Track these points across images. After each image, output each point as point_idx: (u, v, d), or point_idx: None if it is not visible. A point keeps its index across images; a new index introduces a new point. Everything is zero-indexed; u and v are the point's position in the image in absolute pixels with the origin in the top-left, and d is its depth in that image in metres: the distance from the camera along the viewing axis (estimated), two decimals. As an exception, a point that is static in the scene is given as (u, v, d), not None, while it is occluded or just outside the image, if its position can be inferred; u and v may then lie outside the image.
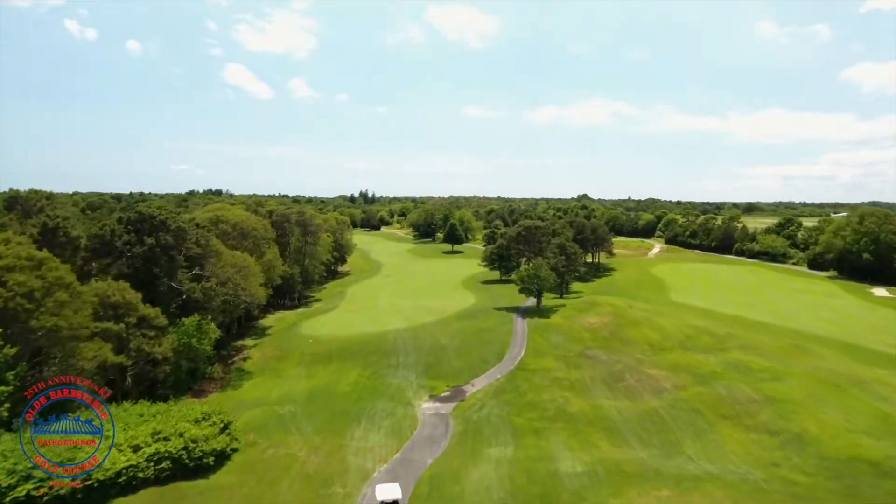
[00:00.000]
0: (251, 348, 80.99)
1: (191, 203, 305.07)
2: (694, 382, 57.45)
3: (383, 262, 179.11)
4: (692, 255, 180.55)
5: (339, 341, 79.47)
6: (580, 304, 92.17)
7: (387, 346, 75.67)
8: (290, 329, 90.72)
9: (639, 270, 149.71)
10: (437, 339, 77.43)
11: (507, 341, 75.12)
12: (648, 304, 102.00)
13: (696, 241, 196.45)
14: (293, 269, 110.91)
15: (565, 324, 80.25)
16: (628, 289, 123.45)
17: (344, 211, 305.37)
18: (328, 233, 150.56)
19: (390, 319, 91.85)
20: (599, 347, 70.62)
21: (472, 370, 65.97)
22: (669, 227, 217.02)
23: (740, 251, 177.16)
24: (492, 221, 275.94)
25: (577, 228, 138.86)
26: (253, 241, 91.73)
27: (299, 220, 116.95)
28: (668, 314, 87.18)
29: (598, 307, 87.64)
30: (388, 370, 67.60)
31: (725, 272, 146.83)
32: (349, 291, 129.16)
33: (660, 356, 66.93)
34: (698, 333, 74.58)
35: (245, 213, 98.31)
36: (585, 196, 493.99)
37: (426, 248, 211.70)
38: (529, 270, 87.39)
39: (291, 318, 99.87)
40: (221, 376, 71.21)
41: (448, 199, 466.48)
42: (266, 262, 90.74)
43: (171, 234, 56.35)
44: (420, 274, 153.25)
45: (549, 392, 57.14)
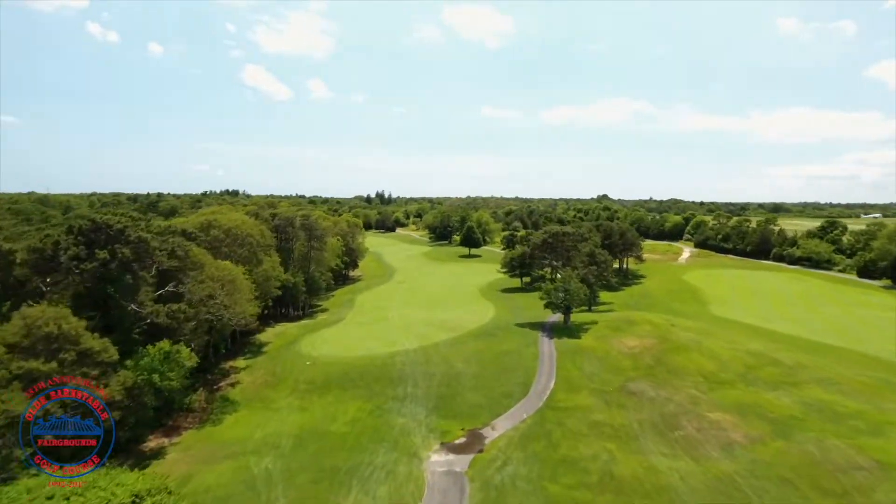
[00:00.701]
0: (242, 370, 70.85)
1: (204, 204, 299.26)
2: (772, 434, 45.34)
3: (396, 266, 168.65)
4: (726, 261, 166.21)
5: (339, 364, 68.93)
6: (614, 320, 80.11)
7: (393, 371, 64.87)
8: (289, 346, 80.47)
9: (670, 278, 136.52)
10: (452, 363, 66.34)
11: (533, 368, 63.64)
12: (688, 319, 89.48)
13: (729, 244, 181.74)
14: (297, 277, 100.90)
15: (600, 347, 68.41)
16: (662, 300, 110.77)
17: (358, 212, 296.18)
18: (338, 236, 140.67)
19: (399, 337, 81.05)
20: (643, 378, 58.69)
21: (492, 407, 54.65)
22: (699, 229, 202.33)
23: (779, 256, 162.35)
24: (510, 223, 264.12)
25: (604, 233, 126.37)
26: (248, 248, 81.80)
27: (304, 224, 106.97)
28: (717, 335, 74.64)
29: (636, 326, 75.53)
30: (392, 404, 56.77)
31: (767, 280, 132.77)
32: (358, 300, 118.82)
33: (719, 392, 54.77)
34: (760, 361, 62.10)
35: (241, 217, 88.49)
36: (605, 196, 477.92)
37: (442, 252, 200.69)
38: (557, 284, 75.76)
39: (292, 333, 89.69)
40: (204, 406, 61.18)
41: (465, 200, 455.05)
42: (262, 273, 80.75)
43: (130, 247, 46.27)
44: (435, 280, 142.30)
45: (589, 443, 45.59)
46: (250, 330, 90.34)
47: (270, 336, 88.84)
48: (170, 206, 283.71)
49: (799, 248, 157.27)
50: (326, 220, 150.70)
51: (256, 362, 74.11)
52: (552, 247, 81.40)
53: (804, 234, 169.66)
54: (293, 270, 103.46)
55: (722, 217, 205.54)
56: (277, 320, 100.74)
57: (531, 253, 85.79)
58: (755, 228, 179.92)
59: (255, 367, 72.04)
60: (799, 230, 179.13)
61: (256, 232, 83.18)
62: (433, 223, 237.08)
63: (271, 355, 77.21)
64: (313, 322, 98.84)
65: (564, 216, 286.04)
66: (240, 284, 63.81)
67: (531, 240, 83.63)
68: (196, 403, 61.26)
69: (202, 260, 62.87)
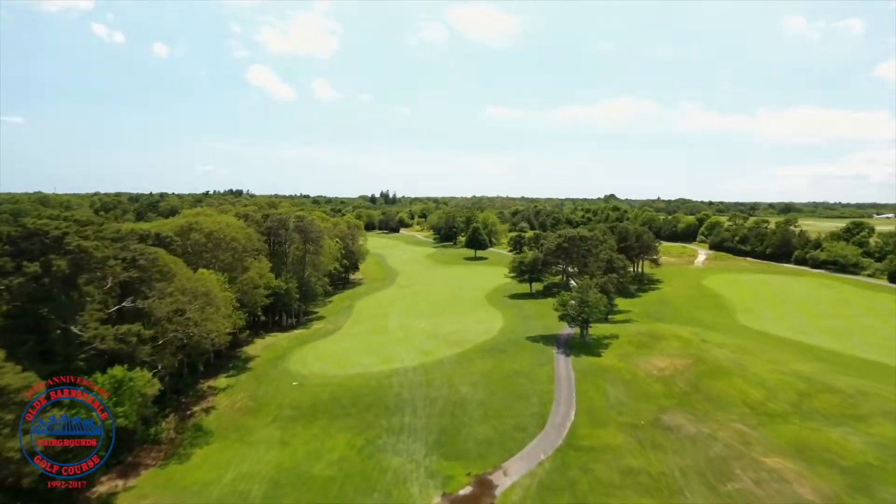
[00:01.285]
0: (221, 392, 62.57)
1: (205, 203, 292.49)
2: (848, 488, 36.52)
3: (399, 269, 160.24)
4: (746, 264, 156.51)
5: (330, 386, 60.59)
6: (636, 334, 71.30)
7: (389, 395, 56.48)
8: (277, 362, 72.24)
9: (689, 283, 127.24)
10: (456, 386, 57.82)
11: (549, 393, 54.99)
12: (716, 331, 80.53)
13: (746, 247, 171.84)
14: (290, 283, 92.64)
15: (624, 368, 59.65)
16: (683, 308, 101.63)
17: (361, 212, 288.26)
18: (337, 238, 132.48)
19: (398, 351, 72.67)
20: (679, 409, 49.91)
21: (504, 444, 46.09)
22: (714, 231, 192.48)
23: (801, 259, 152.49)
24: (517, 224, 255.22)
25: (619, 235, 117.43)
26: (232, 253, 73.62)
27: (299, 226, 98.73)
28: (755, 352, 65.72)
29: (663, 342, 66.74)
30: (387, 438, 48.40)
31: (793, 286, 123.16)
32: (357, 307, 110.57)
33: (771, 428, 45.94)
34: (813, 388, 53.13)
35: (227, 220, 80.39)
36: (613, 196, 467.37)
37: (446, 254, 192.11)
38: (574, 294, 67.06)
39: (282, 345, 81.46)
40: (172, 437, 53.02)
41: (471, 200, 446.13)
42: (247, 281, 72.53)
43: (69, 258, 38.14)
44: (439, 284, 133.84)
45: (624, 498, 36.96)
46: (238, 341, 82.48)
47: (259, 349, 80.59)
48: (170, 207, 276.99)
49: (823, 250, 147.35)
50: (325, 221, 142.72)
51: (239, 381, 65.80)
52: (567, 252, 72.71)
53: (827, 235, 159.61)
54: (286, 276, 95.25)
55: (738, 218, 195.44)
56: (269, 330, 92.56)
57: (544, 259, 77.06)
58: (774, 230, 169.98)
59: (237, 387, 63.74)
60: (822, 231, 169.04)
61: (242, 235, 75.02)
62: (438, 224, 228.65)
63: (256, 372, 68.94)
64: (307, 332, 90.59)
65: (572, 217, 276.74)
66: (215, 297, 55.54)
67: (544, 244, 74.88)
68: (164, 433, 53.18)
69: (172, 269, 54.66)
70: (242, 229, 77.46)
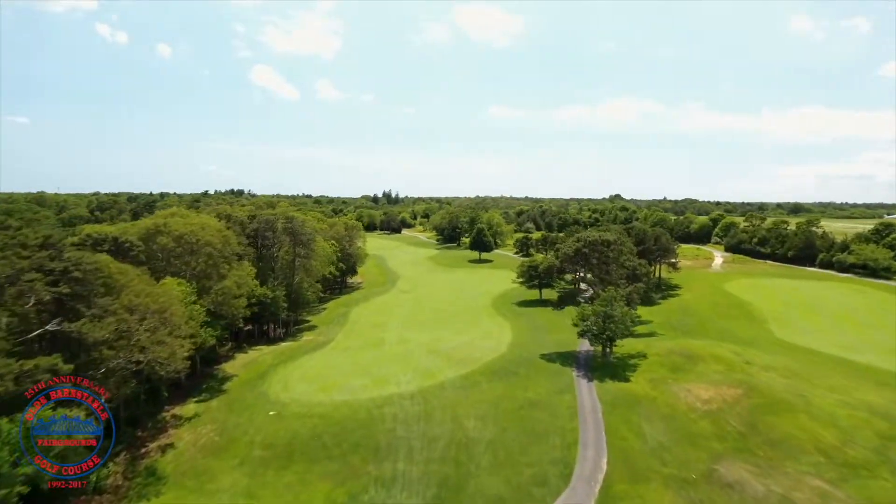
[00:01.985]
0: (186, 423, 53.08)
1: (203, 203, 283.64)
2: None
3: (400, 273, 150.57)
4: (767, 268, 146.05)
5: (312, 417, 51.00)
6: (667, 353, 61.42)
7: (381, 433, 46.85)
8: (256, 384, 62.74)
9: (711, 289, 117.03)
10: (460, 421, 48.15)
11: (572, 431, 45.26)
12: (752, 347, 70.57)
13: (765, 249, 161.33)
14: (277, 290, 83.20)
15: (660, 398, 49.81)
16: (708, 318, 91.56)
17: (363, 213, 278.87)
18: (333, 240, 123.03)
19: (395, 371, 63.04)
20: (737, 457, 40.01)
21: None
22: (730, 232, 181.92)
23: (827, 263, 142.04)
24: (522, 224, 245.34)
25: (636, 237, 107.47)
26: (206, 259, 64.14)
27: (288, 228, 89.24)
28: (811, 377, 55.70)
29: (701, 364, 56.85)
30: (375, 492, 38.85)
31: (823, 292, 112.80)
32: (353, 315, 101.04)
33: (857, 485, 36.03)
34: (894, 428, 43.18)
35: (206, 221, 70.95)
36: (618, 196, 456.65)
37: (450, 256, 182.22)
38: (597, 308, 57.20)
39: (265, 361, 72.00)
40: (119, 484, 43.62)
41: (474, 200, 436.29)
42: (223, 291, 63.04)
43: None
44: (442, 289, 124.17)
45: None
46: (216, 357, 73.12)
47: (238, 366, 71.13)
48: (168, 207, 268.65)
49: (851, 253, 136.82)
50: (322, 222, 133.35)
51: (209, 408, 56.27)
52: (587, 258, 62.91)
53: (853, 237, 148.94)
54: (273, 283, 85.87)
55: (754, 219, 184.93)
56: (254, 342, 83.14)
57: (560, 266, 67.24)
58: (795, 231, 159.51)
59: (206, 416, 54.21)
60: (836, 232, 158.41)
61: (217, 239, 65.49)
62: (441, 224, 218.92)
63: (231, 396, 59.42)
64: (295, 345, 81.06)
65: (579, 217, 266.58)
66: (172, 315, 45.99)
67: (560, 248, 65.00)
68: (110, 479, 43.71)
69: (120, 281, 45.18)
70: (219, 232, 67.93)
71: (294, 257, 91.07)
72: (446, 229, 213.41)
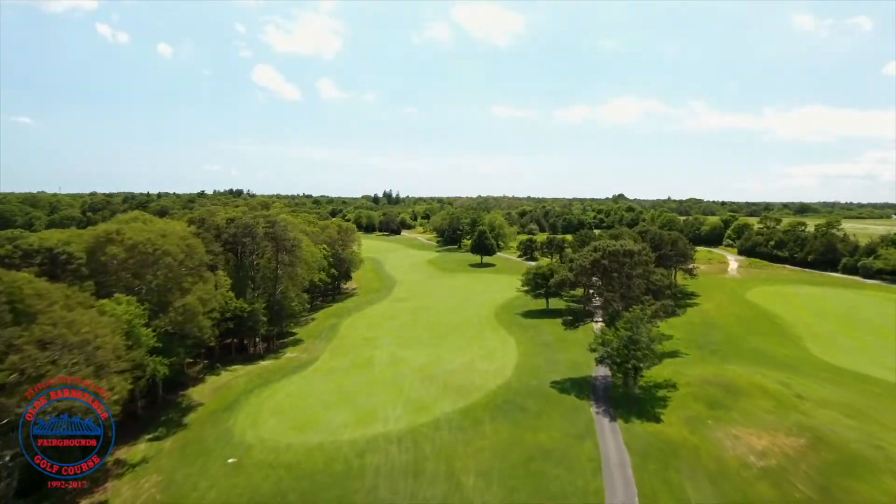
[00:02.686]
0: (129, 471, 43.86)
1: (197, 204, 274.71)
2: None
3: (397, 278, 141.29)
4: (788, 273, 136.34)
5: (277, 469, 41.74)
6: (700, 383, 51.97)
7: (360, 492, 37.56)
8: (221, 417, 53.55)
9: (731, 298, 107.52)
10: (458, 477, 38.79)
11: (597, 494, 35.83)
12: (798, 373, 61.10)
13: (783, 252, 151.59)
14: (256, 303, 74.08)
15: (702, 447, 40.35)
16: (735, 332, 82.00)
17: (361, 213, 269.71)
18: (325, 245, 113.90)
19: (383, 402, 53.80)
20: (812, 538, 30.60)
21: None
22: (743, 234, 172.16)
23: (851, 268, 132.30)
24: (526, 226, 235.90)
25: (652, 242, 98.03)
26: (166, 271, 54.93)
27: (270, 233, 79.99)
28: (879, 416, 46.16)
29: (744, 399, 47.38)
30: (346, 586, 29.49)
31: (857, 302, 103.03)
32: (343, 327, 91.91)
33: None
34: None
35: (166, 227, 61.76)
36: (622, 196, 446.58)
37: (450, 259, 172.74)
38: (620, 332, 47.74)
39: (238, 386, 62.84)
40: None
41: (476, 200, 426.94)
42: (183, 308, 53.80)
43: None
44: (441, 297, 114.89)
45: None
46: (182, 381, 63.98)
47: (207, 392, 61.97)
48: (161, 207, 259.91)
49: (878, 258, 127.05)
50: (313, 225, 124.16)
51: (161, 451, 47.02)
52: (605, 270, 53.39)
53: (877, 240, 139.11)
54: (252, 294, 76.73)
55: (769, 220, 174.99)
56: (230, 361, 73.96)
57: (574, 279, 57.64)
58: (815, 234, 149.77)
59: (154, 462, 44.97)
60: (873, 235, 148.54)
61: (179, 248, 56.22)
62: (441, 226, 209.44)
63: (189, 435, 50.18)
64: (274, 364, 71.87)
65: (584, 217, 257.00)
66: (100, 347, 36.70)
67: (575, 260, 55.45)
68: (18, 554, 34.69)
69: (36, 307, 36.01)
70: (183, 240, 58.63)
71: (277, 265, 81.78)
72: (447, 231, 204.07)
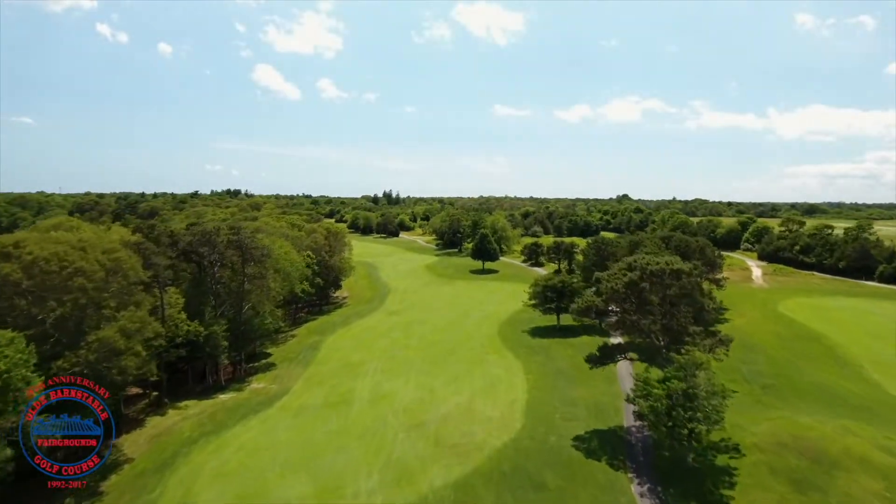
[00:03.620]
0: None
1: (188, 205, 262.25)
2: None
3: (392, 285, 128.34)
4: (818, 282, 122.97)
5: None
6: (775, 446, 38.91)
7: None
8: (148, 483, 40.83)
9: (763, 310, 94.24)
10: None
11: None
12: (887, 423, 48.09)
13: (810, 258, 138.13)
14: (214, 325, 61.40)
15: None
16: (781, 358, 68.80)
17: (359, 215, 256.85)
18: (309, 252, 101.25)
19: (354, 465, 40.98)
20: None
21: None
22: (764, 237, 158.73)
23: (888, 276, 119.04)
24: (529, 228, 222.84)
25: (678, 249, 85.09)
26: (77, 296, 42.14)
27: (235, 243, 67.22)
28: None
29: (844, 476, 34.35)
30: None
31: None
32: (325, 347, 79.22)
33: None
34: None
35: (91, 237, 48.90)
36: (626, 196, 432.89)
37: (450, 264, 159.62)
38: (674, 384, 34.75)
39: (181, 434, 50.09)
40: None
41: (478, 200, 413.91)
42: (98, 345, 41.02)
43: None
44: (437, 310, 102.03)
45: None
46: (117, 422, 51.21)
47: (143, 440, 49.32)
48: (151, 208, 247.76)
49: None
50: (298, 230, 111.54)
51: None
52: (640, 294, 40.41)
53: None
54: (213, 313, 64.02)
55: (791, 222, 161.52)
56: (183, 394, 61.35)
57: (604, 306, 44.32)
58: (846, 238, 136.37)
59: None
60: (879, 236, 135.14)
61: (97, 266, 43.43)
62: (441, 228, 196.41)
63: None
64: (235, 400, 59.19)
65: (590, 219, 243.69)
66: None
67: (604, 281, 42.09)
68: None
69: None
70: (108, 254, 45.79)
71: (242, 280, 69.00)
72: (446, 233, 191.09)
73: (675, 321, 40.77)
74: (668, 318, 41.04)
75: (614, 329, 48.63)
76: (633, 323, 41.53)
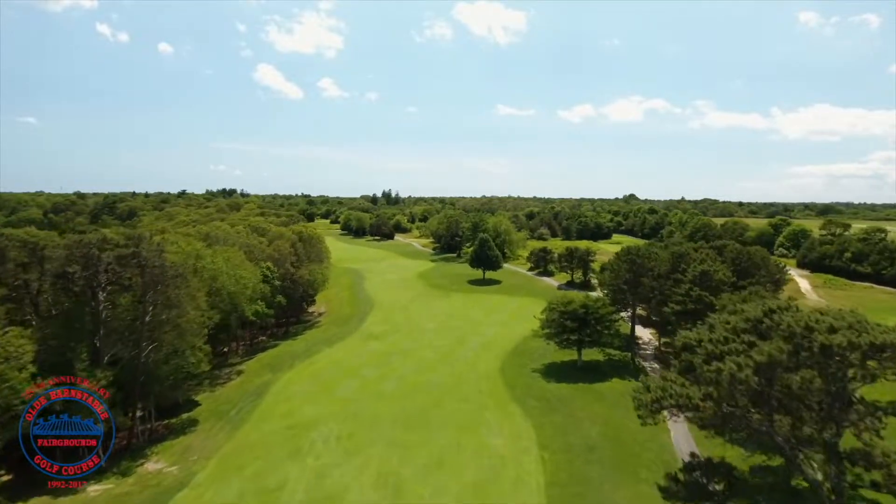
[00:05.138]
0: None
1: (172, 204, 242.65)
2: None
3: (377, 299, 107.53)
4: (884, 297, 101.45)
5: None
6: None
7: None
8: None
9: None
10: None
11: None
12: None
13: (864, 267, 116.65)
14: (100, 374, 40.89)
15: None
16: None
17: (352, 216, 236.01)
18: (269, 263, 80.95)
19: None
20: None
21: None
22: (804, 243, 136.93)
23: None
24: (535, 230, 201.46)
25: (732, 262, 64.43)
26: None
27: (131, 259, 46.62)
28: None
29: None
30: None
31: None
32: (273, 392, 58.90)
33: None
34: None
35: None
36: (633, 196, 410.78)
37: (446, 272, 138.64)
38: None
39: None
40: None
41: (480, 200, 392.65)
42: None
43: None
44: (427, 332, 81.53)
45: None
46: None
47: None
48: (129, 209, 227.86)
49: None
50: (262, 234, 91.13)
51: None
52: (789, 386, 20.50)
53: None
54: (84, 362, 43.41)
55: (834, 225, 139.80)
56: (39, 484, 40.76)
57: (707, 407, 24.20)
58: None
59: None
60: None
61: None
62: (438, 230, 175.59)
63: None
64: (106, 497, 38.63)
65: (600, 220, 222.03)
66: None
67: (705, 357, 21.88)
68: None
69: None
70: None
71: (149, 308, 48.37)
72: (444, 236, 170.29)
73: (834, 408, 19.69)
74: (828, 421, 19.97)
75: (700, 424, 26.53)
76: (764, 428, 20.48)
